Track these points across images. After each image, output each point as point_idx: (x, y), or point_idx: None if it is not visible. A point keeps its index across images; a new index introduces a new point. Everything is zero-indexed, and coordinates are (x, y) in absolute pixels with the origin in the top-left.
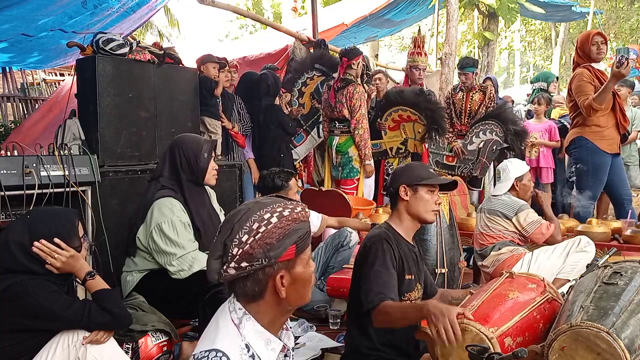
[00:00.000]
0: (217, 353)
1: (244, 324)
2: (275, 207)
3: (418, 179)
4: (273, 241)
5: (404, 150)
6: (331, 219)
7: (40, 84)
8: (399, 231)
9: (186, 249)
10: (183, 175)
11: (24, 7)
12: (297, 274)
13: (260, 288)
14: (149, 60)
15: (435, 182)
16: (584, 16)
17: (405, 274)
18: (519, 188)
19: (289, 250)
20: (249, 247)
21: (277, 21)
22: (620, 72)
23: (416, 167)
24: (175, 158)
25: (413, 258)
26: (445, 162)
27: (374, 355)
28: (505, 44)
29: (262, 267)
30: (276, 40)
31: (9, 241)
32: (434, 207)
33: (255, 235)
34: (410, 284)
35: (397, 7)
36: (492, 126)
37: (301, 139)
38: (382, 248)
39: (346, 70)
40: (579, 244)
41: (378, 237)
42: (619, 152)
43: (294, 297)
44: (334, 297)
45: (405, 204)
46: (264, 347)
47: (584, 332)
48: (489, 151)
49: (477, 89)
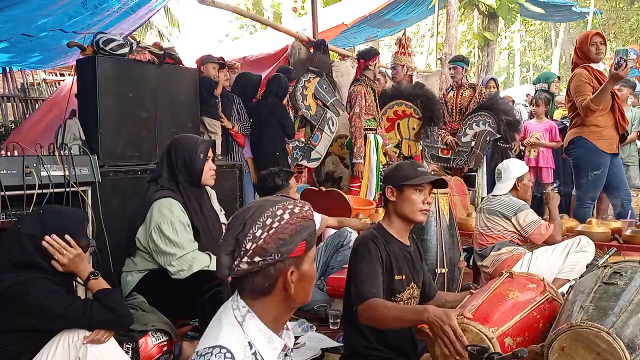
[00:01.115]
0: (220, 349)
1: (247, 321)
2: (286, 204)
3: (403, 179)
4: (286, 237)
5: (398, 154)
6: (331, 219)
7: (40, 84)
8: (390, 231)
9: (186, 249)
10: (180, 176)
11: (24, 7)
12: (304, 271)
13: (270, 283)
14: (149, 60)
15: (419, 181)
16: (583, 16)
17: (394, 273)
18: (520, 188)
19: (299, 247)
20: (263, 242)
21: (277, 21)
22: (619, 73)
23: (404, 167)
24: (172, 159)
25: (406, 258)
26: (440, 155)
27: (373, 355)
28: (505, 44)
29: (274, 262)
30: (276, 40)
31: (20, 233)
32: (422, 207)
33: (269, 230)
34: (402, 284)
35: (397, 7)
36: (484, 117)
37: (317, 138)
38: (368, 248)
39: (363, 71)
40: (578, 244)
41: (365, 238)
42: (618, 152)
43: (299, 294)
44: (334, 297)
45: (392, 205)
46: (266, 345)
47: (584, 332)
48: (483, 142)
49: (466, 86)
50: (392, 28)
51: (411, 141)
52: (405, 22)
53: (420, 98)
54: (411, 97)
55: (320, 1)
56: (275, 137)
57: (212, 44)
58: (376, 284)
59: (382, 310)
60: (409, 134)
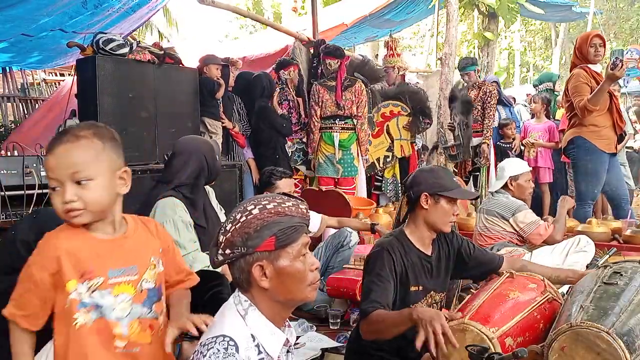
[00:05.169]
0: (224, 338)
1: (250, 315)
2: (262, 200)
3: (442, 188)
4: (250, 231)
5: (392, 158)
6: (331, 219)
7: (40, 84)
8: (412, 239)
9: (187, 249)
10: (203, 179)
11: (25, 7)
12: (281, 267)
13: (245, 277)
14: (149, 60)
15: (460, 196)
16: (583, 16)
17: (410, 285)
18: (514, 187)
19: (267, 241)
20: (231, 235)
21: (277, 21)
22: (615, 74)
23: (441, 175)
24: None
25: (425, 268)
26: (451, 153)
27: (376, 355)
28: (505, 44)
29: (242, 256)
30: (276, 40)
31: (15, 240)
32: (452, 218)
33: (237, 224)
34: (417, 296)
35: (397, 7)
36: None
37: None
38: (382, 257)
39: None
40: (578, 244)
41: (381, 246)
42: (616, 152)
43: (281, 291)
44: (334, 297)
45: (424, 212)
46: (269, 337)
47: (584, 332)
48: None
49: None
50: (392, 28)
51: (403, 140)
52: (405, 22)
53: (407, 94)
54: (397, 95)
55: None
56: (271, 141)
57: (211, 44)
58: (380, 297)
59: (378, 322)
60: (399, 134)
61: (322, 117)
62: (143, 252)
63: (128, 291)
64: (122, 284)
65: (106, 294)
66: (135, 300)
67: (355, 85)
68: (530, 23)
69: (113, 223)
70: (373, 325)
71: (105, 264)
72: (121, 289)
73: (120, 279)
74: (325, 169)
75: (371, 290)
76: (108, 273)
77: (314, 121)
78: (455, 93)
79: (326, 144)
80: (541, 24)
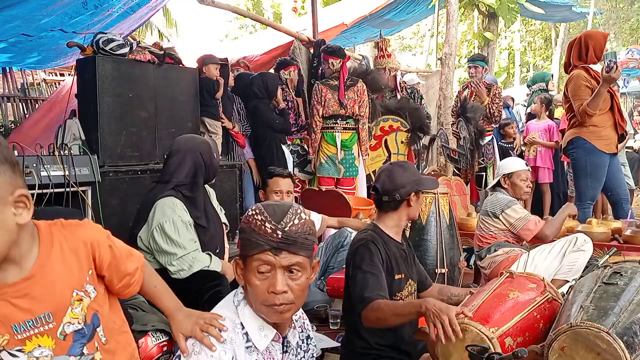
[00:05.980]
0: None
1: (241, 306)
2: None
3: (423, 185)
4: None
5: None
6: (331, 219)
7: (40, 84)
8: (387, 232)
9: (187, 249)
10: (201, 178)
11: (25, 7)
12: (244, 272)
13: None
14: (149, 60)
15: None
16: (584, 16)
17: (394, 273)
18: (508, 186)
19: (238, 242)
20: None
21: (277, 21)
22: (611, 76)
23: (414, 171)
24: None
25: (402, 256)
26: (452, 156)
27: (372, 354)
28: (505, 44)
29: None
30: (276, 40)
31: None
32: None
33: None
34: (400, 283)
35: (397, 7)
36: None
37: None
38: (370, 249)
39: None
40: (575, 243)
41: (365, 240)
42: (616, 152)
43: (249, 296)
44: (334, 297)
45: (409, 209)
46: (256, 330)
47: (584, 332)
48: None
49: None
50: (392, 28)
51: (400, 155)
52: (405, 22)
53: (407, 110)
54: (398, 110)
55: (320, 1)
56: (267, 139)
57: (211, 44)
58: (379, 286)
59: (382, 310)
60: (397, 149)
61: (324, 116)
62: (59, 291)
63: (45, 344)
64: (36, 336)
65: (17, 353)
66: (58, 352)
67: (358, 85)
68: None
69: (16, 261)
70: (379, 312)
71: (5, 319)
72: (36, 342)
73: (32, 331)
74: (327, 169)
75: (370, 281)
76: (12, 328)
77: (316, 121)
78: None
79: (328, 144)
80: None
